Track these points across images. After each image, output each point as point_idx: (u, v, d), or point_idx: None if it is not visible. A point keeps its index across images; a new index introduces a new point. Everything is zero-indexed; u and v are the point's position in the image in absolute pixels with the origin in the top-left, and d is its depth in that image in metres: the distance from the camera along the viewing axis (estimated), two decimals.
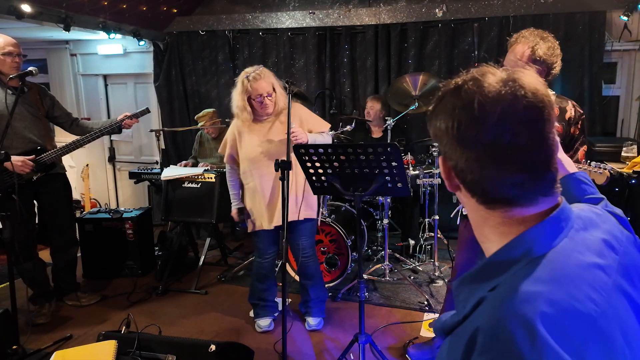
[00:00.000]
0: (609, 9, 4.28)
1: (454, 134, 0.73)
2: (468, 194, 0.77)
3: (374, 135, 4.65)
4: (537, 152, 0.71)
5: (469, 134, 0.71)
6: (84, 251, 4.18)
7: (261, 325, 3.28)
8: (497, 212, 0.75)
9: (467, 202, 0.79)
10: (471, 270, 0.77)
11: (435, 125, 0.77)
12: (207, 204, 3.89)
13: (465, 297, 0.74)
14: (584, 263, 0.71)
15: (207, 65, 5.47)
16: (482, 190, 0.74)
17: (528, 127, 0.70)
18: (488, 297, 0.69)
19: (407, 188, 2.38)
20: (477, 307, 0.70)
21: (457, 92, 0.73)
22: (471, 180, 0.74)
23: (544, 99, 0.71)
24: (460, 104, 0.72)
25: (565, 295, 0.66)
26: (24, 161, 3.13)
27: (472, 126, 0.71)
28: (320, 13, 5.03)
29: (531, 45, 2.12)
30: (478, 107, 0.70)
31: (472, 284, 0.75)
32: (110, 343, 2.32)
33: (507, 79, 0.72)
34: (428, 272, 4.10)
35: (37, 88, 3.42)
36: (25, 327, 3.20)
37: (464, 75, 0.76)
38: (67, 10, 4.08)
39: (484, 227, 0.78)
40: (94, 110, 6.09)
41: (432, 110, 0.78)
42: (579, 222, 0.78)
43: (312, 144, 2.44)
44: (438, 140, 0.77)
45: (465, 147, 0.72)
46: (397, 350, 2.99)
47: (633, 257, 0.82)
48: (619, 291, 0.73)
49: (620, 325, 0.69)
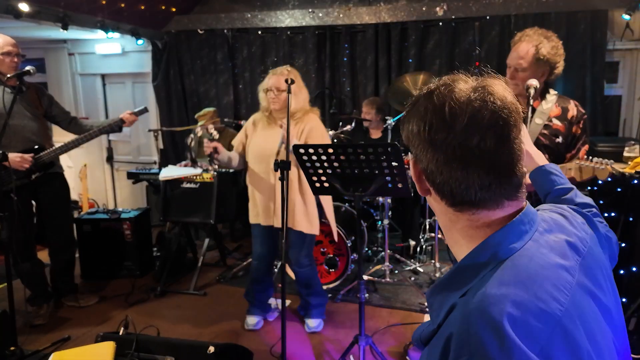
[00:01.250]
0: (611, 8, 4.26)
1: (425, 137, 0.76)
2: (437, 196, 0.80)
3: (373, 136, 4.63)
4: (503, 156, 0.74)
5: (439, 136, 0.74)
6: (82, 252, 4.15)
7: (248, 323, 3.30)
8: (464, 215, 0.78)
9: (437, 205, 0.82)
10: (442, 278, 0.80)
11: (407, 129, 0.80)
12: (205, 204, 3.87)
13: (439, 305, 0.76)
14: (547, 264, 0.74)
15: (206, 64, 5.45)
16: (451, 192, 0.77)
17: (495, 132, 0.73)
18: (459, 302, 0.72)
19: (407, 188, 2.36)
20: (449, 314, 0.73)
21: (430, 97, 0.77)
22: (440, 182, 0.77)
23: (511, 106, 0.75)
24: (432, 107, 0.76)
25: (530, 296, 0.68)
26: (22, 157, 3.12)
27: (442, 129, 0.74)
28: (320, 12, 5.01)
29: (535, 44, 2.11)
30: (449, 111, 0.74)
31: (444, 292, 0.77)
32: (109, 344, 2.32)
33: (477, 86, 0.76)
34: (429, 273, 4.08)
35: (35, 87, 3.42)
36: (23, 328, 3.19)
37: (437, 81, 0.80)
38: (65, 9, 4.06)
39: (452, 231, 0.82)
40: (92, 110, 6.07)
41: (405, 114, 0.82)
42: (543, 225, 0.82)
43: (312, 144, 2.42)
44: (410, 144, 0.81)
45: (435, 149, 0.75)
46: (398, 352, 2.97)
47: (597, 257, 0.85)
48: (584, 291, 0.76)
49: (584, 323, 0.71)
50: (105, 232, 4.14)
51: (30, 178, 3.25)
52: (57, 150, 3.32)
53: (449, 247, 0.85)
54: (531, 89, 2.09)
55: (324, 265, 3.80)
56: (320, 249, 3.76)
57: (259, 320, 3.34)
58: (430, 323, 0.78)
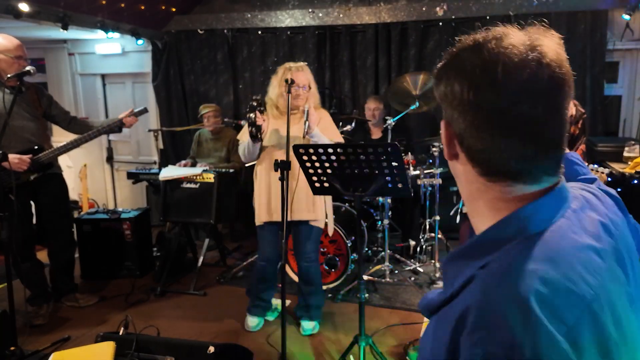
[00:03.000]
0: (611, 8, 4.26)
1: (468, 98, 0.67)
2: (469, 163, 0.72)
3: (374, 136, 4.63)
4: (552, 127, 0.67)
5: (486, 99, 0.66)
6: (82, 252, 4.15)
7: (248, 324, 3.29)
8: (496, 186, 0.70)
9: (463, 173, 0.74)
10: (461, 246, 0.74)
11: (444, 86, 0.70)
12: (205, 204, 3.87)
13: (454, 275, 0.70)
14: (579, 244, 0.68)
15: (206, 64, 5.45)
16: (487, 160, 0.69)
17: (548, 99, 0.66)
18: (478, 275, 0.66)
19: (407, 188, 2.36)
20: (466, 285, 0.67)
21: (478, 52, 0.67)
22: (476, 148, 0.69)
23: (567, 71, 0.67)
24: (481, 65, 0.66)
25: (559, 275, 0.63)
26: (20, 158, 3.12)
27: (490, 91, 0.65)
28: (320, 12, 5.01)
29: None
30: (502, 72, 0.64)
31: (461, 261, 0.71)
32: (109, 344, 2.31)
33: (532, 44, 0.66)
34: (429, 273, 4.07)
35: (34, 87, 3.41)
36: (23, 328, 3.18)
37: (483, 32, 0.69)
38: (65, 9, 4.06)
39: (478, 201, 0.74)
40: (92, 110, 6.06)
41: (441, 68, 0.72)
42: (576, 203, 0.74)
43: (312, 144, 2.42)
44: (445, 103, 0.71)
45: (477, 112, 0.67)
46: (398, 352, 2.97)
47: (627, 242, 0.79)
48: (613, 276, 0.71)
49: (613, 310, 0.67)
50: (105, 232, 4.14)
51: (28, 179, 3.24)
52: (55, 151, 3.31)
53: (469, 216, 0.78)
54: None
55: (324, 265, 3.80)
56: (321, 249, 3.76)
57: (259, 322, 3.33)
58: (441, 291, 0.72)
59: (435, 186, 3.98)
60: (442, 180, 3.93)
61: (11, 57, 3.14)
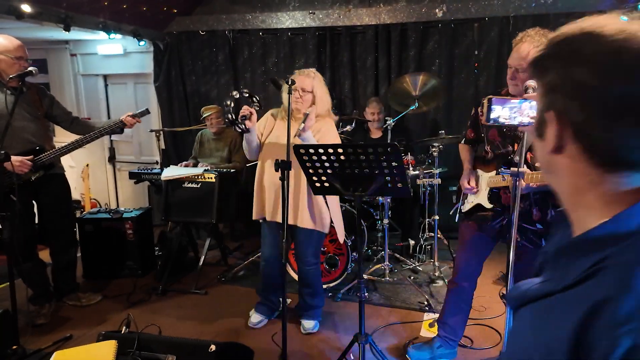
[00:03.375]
0: (609, 9, 4.27)
1: (595, 87, 0.63)
2: (582, 155, 0.68)
3: (373, 137, 4.65)
4: None
5: (618, 88, 0.62)
6: (84, 251, 4.17)
7: (252, 321, 3.33)
8: (614, 177, 0.67)
9: (572, 166, 0.70)
10: (571, 239, 0.72)
11: (556, 75, 0.67)
12: (207, 204, 3.89)
13: (565, 267, 0.69)
14: None
15: (207, 65, 5.47)
16: (608, 150, 0.66)
17: None
18: (610, 266, 0.64)
19: (407, 188, 2.38)
20: (587, 278, 0.65)
21: (598, 38, 0.65)
22: (598, 138, 0.65)
23: None
24: (610, 52, 0.63)
25: None
26: (22, 161, 3.13)
27: (621, 77, 0.62)
28: (320, 13, 5.03)
29: (537, 45, 2.13)
30: (636, 55, 0.61)
31: (573, 254, 0.70)
32: (110, 343, 2.32)
33: None
34: (428, 272, 4.10)
35: (36, 88, 3.42)
36: (25, 328, 3.20)
37: (577, 22, 0.67)
38: (67, 10, 4.08)
39: (587, 194, 0.70)
40: (94, 111, 6.09)
41: (546, 58, 0.70)
42: None
43: (312, 144, 2.44)
44: (557, 94, 0.68)
45: (606, 102, 0.63)
46: (397, 350, 2.99)
47: None
48: None
49: None
50: (107, 232, 4.16)
51: (30, 178, 3.26)
52: (57, 152, 3.31)
53: (570, 211, 0.74)
54: (530, 89, 2.11)
55: (324, 264, 3.82)
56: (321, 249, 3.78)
57: (263, 319, 3.35)
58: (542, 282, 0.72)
59: (435, 186, 4.01)
60: (441, 180, 3.95)
61: (12, 57, 3.14)
